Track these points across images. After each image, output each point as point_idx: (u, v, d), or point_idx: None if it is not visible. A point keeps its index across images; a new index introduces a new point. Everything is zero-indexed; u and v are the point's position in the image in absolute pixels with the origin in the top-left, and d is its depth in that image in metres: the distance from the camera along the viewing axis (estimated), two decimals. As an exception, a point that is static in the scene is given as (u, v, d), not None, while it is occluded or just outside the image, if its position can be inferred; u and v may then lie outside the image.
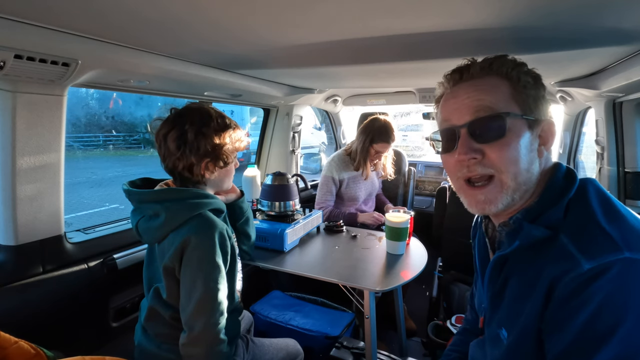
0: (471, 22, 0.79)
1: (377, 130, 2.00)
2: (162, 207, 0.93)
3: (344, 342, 1.34)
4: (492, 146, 0.57)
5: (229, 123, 1.01)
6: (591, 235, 0.51)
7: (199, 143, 0.95)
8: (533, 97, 0.60)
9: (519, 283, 0.59)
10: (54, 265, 1.14)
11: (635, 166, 1.77)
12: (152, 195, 0.96)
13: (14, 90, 0.95)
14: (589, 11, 0.73)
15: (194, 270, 0.89)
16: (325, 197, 2.04)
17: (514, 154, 0.57)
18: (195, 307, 0.88)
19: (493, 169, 0.58)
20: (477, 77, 0.61)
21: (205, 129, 0.96)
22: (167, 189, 0.98)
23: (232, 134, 1.01)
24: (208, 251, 0.90)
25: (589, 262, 0.48)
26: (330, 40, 0.94)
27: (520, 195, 0.59)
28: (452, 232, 1.92)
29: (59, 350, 0.83)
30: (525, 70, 0.61)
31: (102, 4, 0.68)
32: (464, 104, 0.60)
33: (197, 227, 0.91)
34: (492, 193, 0.59)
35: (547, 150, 0.61)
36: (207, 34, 0.90)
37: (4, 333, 0.75)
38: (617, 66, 1.20)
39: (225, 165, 1.02)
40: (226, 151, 1.00)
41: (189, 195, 0.95)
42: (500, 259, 0.62)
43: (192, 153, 0.95)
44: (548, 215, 0.56)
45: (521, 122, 0.58)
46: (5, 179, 1.01)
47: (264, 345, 1.17)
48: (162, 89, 1.46)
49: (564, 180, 0.59)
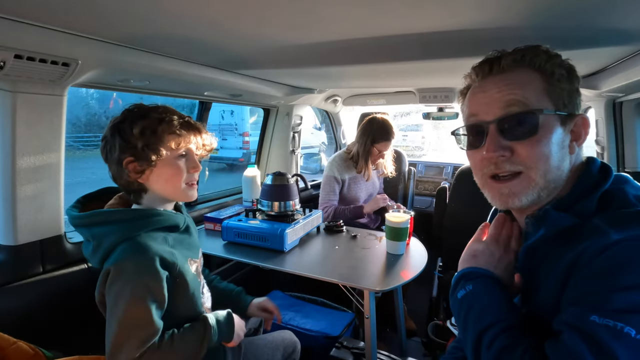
0: (471, 22, 0.79)
1: (377, 129, 2.00)
2: (90, 234, 0.83)
3: (344, 342, 1.34)
4: (522, 143, 0.55)
5: (157, 117, 0.86)
6: (625, 216, 0.51)
7: (114, 140, 0.84)
8: (567, 91, 0.57)
9: (547, 269, 0.57)
10: (54, 265, 1.14)
11: (635, 166, 1.77)
12: (79, 219, 0.85)
13: (14, 90, 0.95)
14: (589, 11, 0.73)
15: (110, 308, 0.77)
16: (329, 197, 2.05)
17: (545, 151, 0.55)
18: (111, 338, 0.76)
19: (522, 165, 0.56)
20: (508, 70, 0.58)
21: (121, 124, 0.85)
22: (93, 212, 0.86)
23: (159, 127, 0.85)
24: (133, 279, 0.77)
25: (618, 234, 0.47)
26: (330, 40, 0.94)
27: (548, 192, 0.57)
28: (452, 232, 1.91)
29: (58, 350, 0.83)
30: (559, 62, 0.58)
31: (102, 3, 0.68)
32: (494, 99, 0.58)
33: (122, 253, 0.79)
34: (518, 187, 0.57)
35: (578, 146, 0.59)
36: (207, 34, 0.90)
37: (3, 334, 0.75)
38: (617, 66, 1.20)
39: (149, 164, 0.84)
40: (147, 147, 0.83)
41: (120, 217, 0.83)
42: (529, 250, 0.61)
43: (112, 153, 0.85)
44: (580, 206, 0.55)
45: (554, 118, 0.56)
46: (5, 179, 1.01)
47: (258, 346, 1.12)
48: (162, 89, 1.45)
49: (599, 173, 0.58)
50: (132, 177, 0.85)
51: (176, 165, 0.89)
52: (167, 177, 0.89)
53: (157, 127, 0.85)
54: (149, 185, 0.89)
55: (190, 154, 0.92)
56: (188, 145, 0.90)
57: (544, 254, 0.59)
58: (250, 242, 1.46)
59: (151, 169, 0.86)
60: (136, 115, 0.85)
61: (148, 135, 0.84)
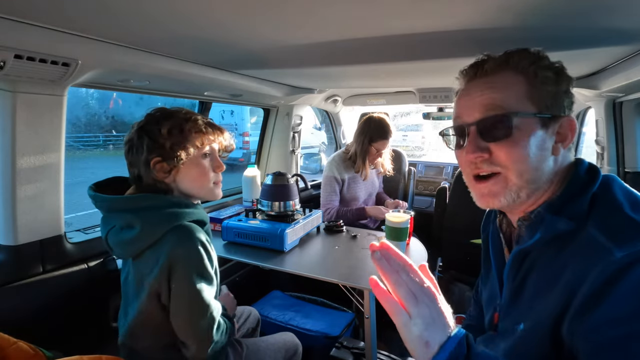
0: (471, 22, 0.79)
1: (374, 128, 2.00)
2: (137, 217, 0.83)
3: (344, 342, 1.34)
4: (499, 145, 0.57)
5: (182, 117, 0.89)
6: (620, 225, 0.50)
7: (141, 142, 0.87)
8: (552, 94, 0.58)
9: (541, 278, 0.57)
10: (54, 265, 1.14)
11: (635, 166, 1.77)
12: (124, 202, 0.85)
13: (14, 90, 0.95)
14: (589, 11, 0.73)
15: (189, 287, 0.81)
16: (330, 198, 2.05)
17: (521, 153, 0.56)
18: (194, 324, 0.83)
19: (499, 166, 0.58)
20: (492, 74, 0.60)
21: (147, 125, 0.88)
22: (142, 195, 0.87)
23: (186, 126, 0.88)
24: (199, 264, 0.82)
25: (621, 250, 0.47)
26: (330, 40, 0.94)
27: (527, 193, 0.58)
28: (452, 232, 1.92)
29: (59, 350, 0.83)
30: (545, 64, 0.59)
31: (102, 3, 0.68)
32: (475, 102, 0.60)
33: (180, 239, 0.82)
34: (496, 187, 0.59)
35: (564, 147, 0.59)
36: (207, 34, 0.90)
37: (3, 334, 0.75)
38: (617, 66, 1.20)
39: (176, 163, 0.87)
40: (175, 146, 0.86)
41: (167, 204, 0.85)
42: (520, 253, 0.61)
43: (139, 155, 0.86)
44: (571, 208, 0.55)
45: (533, 121, 0.57)
46: (5, 179, 1.01)
47: (259, 348, 1.13)
48: (162, 89, 1.45)
49: (587, 175, 0.58)
50: (159, 176, 0.87)
51: (202, 164, 0.92)
52: (194, 176, 0.91)
53: (184, 126, 0.87)
54: (175, 186, 0.91)
55: (214, 153, 0.95)
56: (212, 144, 0.93)
57: (536, 260, 0.59)
58: (250, 242, 1.46)
59: (178, 168, 0.88)
60: (161, 117, 0.88)
61: (176, 134, 0.86)
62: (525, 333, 0.57)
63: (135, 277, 0.88)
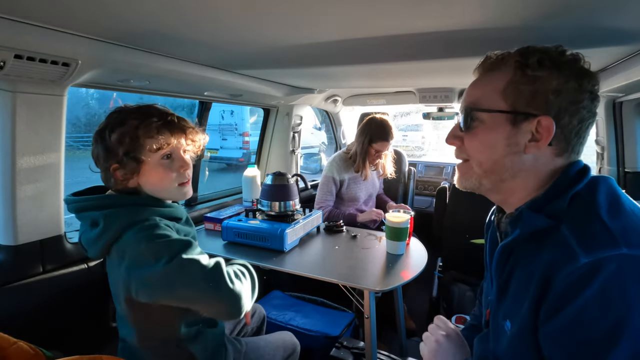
0: (471, 22, 0.79)
1: (375, 129, 2.00)
2: (101, 215, 0.82)
3: (344, 342, 1.34)
4: (466, 135, 0.64)
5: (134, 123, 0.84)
6: (591, 229, 0.50)
7: (97, 148, 0.85)
8: (531, 92, 0.57)
9: (522, 274, 0.58)
10: (54, 265, 1.14)
11: (635, 166, 1.77)
12: (90, 202, 0.85)
13: (14, 90, 0.95)
14: (589, 11, 0.73)
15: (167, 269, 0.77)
16: (325, 197, 2.04)
17: (481, 145, 0.62)
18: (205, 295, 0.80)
19: (465, 154, 0.65)
20: (484, 73, 0.66)
21: (102, 131, 0.85)
22: (107, 195, 0.88)
23: (137, 132, 0.83)
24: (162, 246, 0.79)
25: (586, 257, 0.48)
26: (330, 40, 0.94)
27: (492, 182, 0.62)
28: (452, 232, 1.92)
29: (59, 350, 0.83)
30: (535, 60, 0.58)
31: (102, 3, 0.68)
32: (464, 97, 0.67)
33: (142, 229, 0.80)
34: (462, 171, 0.67)
35: (539, 147, 0.58)
36: (207, 34, 0.90)
37: (3, 334, 0.75)
38: (617, 66, 1.20)
39: (134, 168, 0.85)
40: (129, 152, 0.83)
41: (130, 202, 0.85)
42: (504, 248, 0.62)
43: (99, 160, 0.86)
44: (551, 206, 0.56)
45: (499, 117, 0.59)
46: (5, 179, 1.01)
47: (258, 346, 1.13)
48: (162, 89, 1.46)
49: (577, 175, 0.58)
50: (120, 183, 0.86)
51: (162, 167, 0.88)
52: (155, 180, 0.89)
53: (135, 132, 0.83)
54: (141, 188, 0.90)
55: (177, 153, 0.91)
56: (171, 146, 0.88)
57: (518, 256, 0.60)
58: (250, 242, 1.46)
59: (137, 172, 0.86)
60: (116, 122, 0.84)
61: (127, 143, 0.83)
62: (514, 335, 0.58)
63: (111, 276, 0.90)
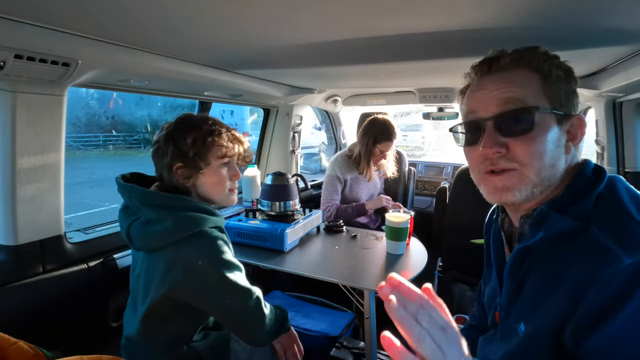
0: (471, 22, 0.79)
1: (379, 130, 2.00)
2: (170, 214, 0.87)
3: (344, 342, 1.34)
4: (517, 140, 0.56)
5: (208, 128, 0.94)
6: (627, 229, 0.50)
7: (167, 147, 0.92)
8: (564, 92, 0.58)
9: (542, 277, 0.56)
10: (54, 265, 1.14)
11: (635, 166, 1.77)
12: (159, 198, 0.90)
13: (14, 90, 0.95)
14: (589, 11, 0.73)
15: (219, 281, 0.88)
16: (331, 197, 2.05)
17: (539, 148, 0.55)
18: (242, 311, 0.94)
19: (517, 162, 0.56)
20: (507, 69, 0.59)
21: (175, 132, 0.93)
22: (174, 195, 0.92)
23: (209, 138, 0.93)
24: (221, 259, 0.89)
25: (630, 257, 0.46)
26: (330, 40, 0.94)
27: (541, 190, 0.57)
28: (452, 232, 1.91)
29: (59, 350, 0.83)
30: (557, 63, 0.59)
31: (102, 3, 0.68)
32: (492, 96, 0.58)
33: (201, 245, 0.88)
34: (511, 181, 0.57)
35: (574, 146, 0.59)
36: (207, 34, 0.90)
37: (3, 334, 0.75)
38: (617, 66, 1.20)
39: (197, 171, 0.93)
40: (197, 155, 0.92)
41: (194, 207, 0.91)
42: (522, 251, 0.60)
43: (164, 158, 0.92)
44: (577, 207, 0.54)
45: (550, 117, 0.56)
46: (5, 179, 1.01)
47: None
48: (162, 89, 1.46)
49: (593, 174, 0.58)
50: (179, 181, 0.94)
51: (220, 173, 0.98)
52: (212, 183, 0.97)
53: (208, 137, 0.93)
54: (194, 189, 0.97)
55: (233, 162, 1.01)
56: (232, 156, 0.99)
57: (537, 258, 0.58)
58: (250, 242, 1.46)
59: (197, 175, 0.94)
60: (189, 126, 0.93)
61: (199, 145, 0.92)
62: (527, 337, 0.56)
63: (148, 271, 0.90)
